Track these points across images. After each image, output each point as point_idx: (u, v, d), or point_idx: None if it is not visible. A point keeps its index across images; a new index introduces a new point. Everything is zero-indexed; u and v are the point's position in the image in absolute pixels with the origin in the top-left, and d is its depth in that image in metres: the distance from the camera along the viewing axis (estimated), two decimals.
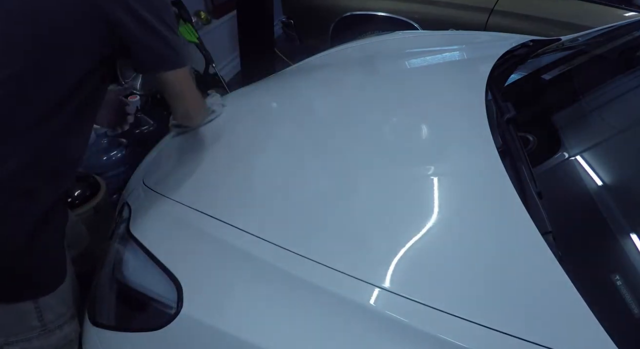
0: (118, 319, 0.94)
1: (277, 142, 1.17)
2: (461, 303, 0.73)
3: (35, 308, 0.88)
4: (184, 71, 0.97)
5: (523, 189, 0.89)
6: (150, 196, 1.08)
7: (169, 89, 0.98)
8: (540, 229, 0.79)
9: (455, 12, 2.41)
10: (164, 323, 0.83)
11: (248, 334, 0.76)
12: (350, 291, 0.77)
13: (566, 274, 0.73)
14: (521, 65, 1.47)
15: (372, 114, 1.18)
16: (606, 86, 1.26)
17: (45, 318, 0.90)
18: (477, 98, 1.14)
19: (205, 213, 0.96)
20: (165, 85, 0.97)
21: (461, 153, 1.02)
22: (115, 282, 0.96)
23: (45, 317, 0.90)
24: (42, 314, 0.89)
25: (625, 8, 2.15)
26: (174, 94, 1.00)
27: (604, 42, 1.55)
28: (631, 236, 0.83)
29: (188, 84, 1.00)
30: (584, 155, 1.00)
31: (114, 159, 1.86)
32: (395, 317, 0.73)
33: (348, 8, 2.67)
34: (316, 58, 1.74)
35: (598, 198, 0.91)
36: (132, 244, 0.98)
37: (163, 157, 1.29)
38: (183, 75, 0.97)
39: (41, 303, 0.88)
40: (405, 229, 0.86)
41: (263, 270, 0.84)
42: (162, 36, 0.90)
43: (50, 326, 0.92)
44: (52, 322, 0.92)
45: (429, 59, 1.53)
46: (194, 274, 0.87)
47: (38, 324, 0.89)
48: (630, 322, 0.73)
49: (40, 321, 0.89)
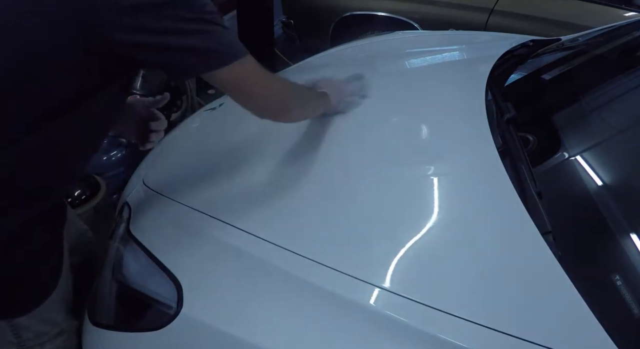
0: (118, 319, 0.94)
1: (278, 142, 1.16)
2: (461, 303, 0.73)
3: (10, 326, 0.83)
4: (241, 64, 0.78)
5: (523, 189, 0.89)
6: (150, 196, 1.08)
7: (228, 91, 0.83)
8: (540, 229, 0.79)
9: (455, 12, 2.41)
10: (164, 323, 0.82)
11: (248, 334, 0.76)
12: (350, 291, 0.77)
13: (566, 274, 0.73)
14: (521, 65, 1.47)
15: (371, 113, 1.18)
16: (606, 86, 1.26)
17: (23, 336, 0.85)
18: (477, 98, 1.14)
19: (205, 213, 0.96)
20: (221, 86, 0.81)
21: (461, 153, 1.02)
22: (115, 282, 0.96)
23: (23, 335, 0.85)
24: (19, 333, 0.84)
25: (625, 8, 2.15)
26: (237, 96, 0.83)
27: (604, 42, 1.54)
28: (631, 236, 0.84)
29: (254, 78, 0.82)
30: (584, 155, 1.00)
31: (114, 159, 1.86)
32: (395, 317, 0.73)
33: (348, 8, 2.67)
34: (316, 58, 1.74)
35: (598, 198, 0.91)
36: (132, 244, 0.98)
37: (163, 157, 1.28)
38: (240, 70, 0.78)
39: (15, 322, 0.83)
40: (405, 229, 0.86)
41: (263, 270, 0.84)
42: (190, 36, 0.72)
43: (29, 343, 0.87)
44: (30, 340, 0.86)
45: (429, 59, 1.53)
46: (194, 274, 0.87)
47: (14, 340, 0.85)
48: (630, 322, 0.73)
49: (16, 338, 0.85)
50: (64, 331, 0.93)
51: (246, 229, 0.90)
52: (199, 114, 1.54)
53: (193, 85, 2.28)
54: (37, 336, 0.87)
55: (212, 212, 0.96)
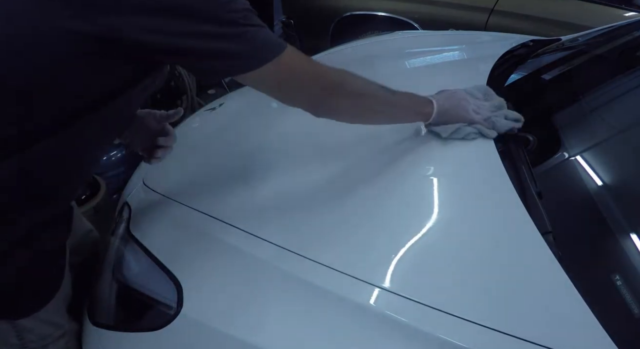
0: (118, 319, 0.94)
1: (278, 142, 1.16)
2: (461, 303, 0.73)
3: (13, 328, 0.82)
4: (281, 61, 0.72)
5: (523, 189, 0.89)
6: (150, 196, 1.08)
7: (269, 92, 0.77)
8: (540, 229, 0.79)
9: (455, 12, 2.41)
10: (164, 323, 0.82)
11: (248, 334, 0.76)
12: (351, 291, 0.77)
13: (566, 274, 0.73)
14: (521, 65, 1.47)
15: None
16: (606, 86, 1.26)
17: (25, 338, 0.84)
18: None
19: (205, 213, 0.96)
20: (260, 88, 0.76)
21: (461, 153, 1.02)
22: (115, 282, 0.96)
23: (25, 337, 0.84)
24: (21, 334, 0.83)
25: (625, 8, 2.15)
26: (281, 93, 0.78)
27: (604, 42, 1.54)
28: (631, 236, 0.84)
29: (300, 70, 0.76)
30: (584, 155, 1.00)
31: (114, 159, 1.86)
32: (395, 317, 0.73)
33: (348, 8, 2.67)
34: (316, 58, 1.74)
35: (598, 198, 0.91)
36: (132, 244, 0.98)
37: None
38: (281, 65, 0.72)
39: (18, 324, 0.82)
40: (405, 229, 0.86)
41: (263, 270, 0.84)
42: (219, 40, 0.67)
43: (32, 345, 0.86)
44: (33, 342, 0.86)
45: (429, 59, 1.53)
46: (194, 274, 0.87)
47: (17, 342, 0.84)
48: (630, 322, 0.73)
49: (19, 340, 0.84)
50: (66, 333, 0.93)
51: (246, 229, 0.90)
52: (199, 114, 1.54)
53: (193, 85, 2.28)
54: (41, 338, 0.87)
55: (213, 213, 0.96)
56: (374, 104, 0.88)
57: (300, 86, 0.78)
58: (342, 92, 0.81)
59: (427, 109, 0.95)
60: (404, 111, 0.95)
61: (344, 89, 0.82)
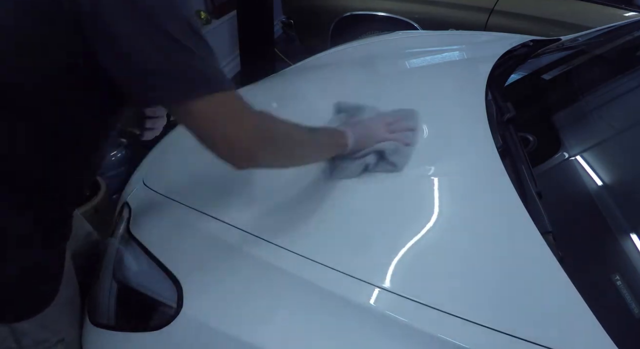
0: (118, 319, 0.94)
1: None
2: (461, 303, 0.73)
3: (10, 331, 0.82)
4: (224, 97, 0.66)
5: (523, 189, 0.89)
6: (151, 196, 1.08)
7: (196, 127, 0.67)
8: (540, 229, 0.79)
9: (455, 12, 2.41)
10: (164, 323, 0.82)
11: (248, 335, 0.76)
12: (351, 291, 0.77)
13: (566, 274, 0.73)
14: (521, 65, 1.47)
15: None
16: (606, 86, 1.26)
17: (23, 342, 0.83)
18: (477, 98, 1.14)
19: (205, 213, 0.96)
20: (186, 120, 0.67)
21: (461, 153, 1.02)
22: (115, 282, 0.96)
23: (23, 341, 0.83)
24: (20, 338, 0.83)
25: (625, 8, 2.15)
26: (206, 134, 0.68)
27: (604, 42, 1.55)
28: (631, 236, 0.84)
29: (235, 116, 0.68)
30: (584, 155, 1.00)
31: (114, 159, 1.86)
32: (395, 317, 0.73)
33: (348, 8, 2.68)
34: (316, 58, 1.74)
35: (598, 198, 0.91)
36: (132, 244, 0.98)
37: (163, 157, 1.28)
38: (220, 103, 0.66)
39: (16, 327, 0.82)
40: (405, 229, 0.86)
41: (263, 270, 0.84)
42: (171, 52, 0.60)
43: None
44: (31, 346, 0.85)
45: (429, 59, 1.53)
46: (194, 274, 0.87)
47: (15, 345, 0.83)
48: (630, 322, 0.73)
49: (17, 343, 0.83)
50: (64, 339, 0.92)
51: (246, 229, 0.90)
52: None
53: None
54: (37, 344, 0.86)
55: (213, 213, 0.96)
56: (301, 150, 0.85)
57: (233, 131, 0.68)
58: (271, 145, 0.75)
59: (343, 140, 0.93)
60: (327, 148, 0.93)
61: (274, 142, 0.75)
